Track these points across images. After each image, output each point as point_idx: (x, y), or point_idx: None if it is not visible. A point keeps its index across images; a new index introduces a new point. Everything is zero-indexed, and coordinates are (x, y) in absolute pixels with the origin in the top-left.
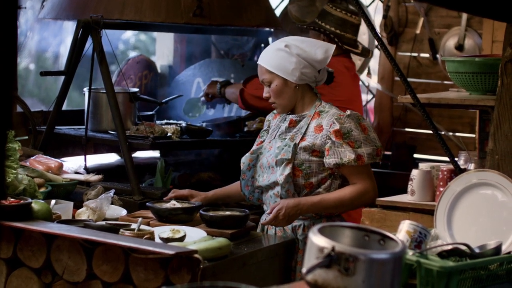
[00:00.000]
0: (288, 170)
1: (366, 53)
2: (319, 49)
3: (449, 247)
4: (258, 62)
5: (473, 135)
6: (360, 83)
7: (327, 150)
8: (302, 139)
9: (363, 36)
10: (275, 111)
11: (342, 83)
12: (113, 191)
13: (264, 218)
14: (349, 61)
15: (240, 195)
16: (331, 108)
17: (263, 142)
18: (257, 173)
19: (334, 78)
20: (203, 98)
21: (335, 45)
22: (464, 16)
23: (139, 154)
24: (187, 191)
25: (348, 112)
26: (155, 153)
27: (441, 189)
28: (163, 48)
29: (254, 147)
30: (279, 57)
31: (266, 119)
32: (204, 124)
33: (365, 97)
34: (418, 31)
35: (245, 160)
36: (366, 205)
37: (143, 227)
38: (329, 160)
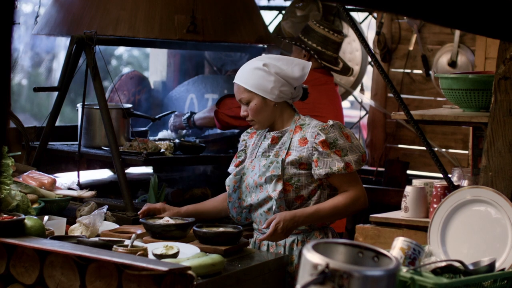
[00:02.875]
0: (280, 186)
1: (346, 71)
2: (296, 67)
3: (443, 263)
4: (235, 81)
5: (466, 152)
6: (353, 99)
7: (315, 161)
8: (287, 154)
9: (356, 52)
10: (249, 130)
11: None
12: (106, 207)
13: (255, 236)
14: (323, 76)
15: (216, 213)
16: (312, 120)
17: (242, 162)
18: (243, 194)
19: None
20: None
21: (311, 63)
22: (457, 33)
23: (132, 170)
24: (159, 204)
25: (331, 122)
26: (148, 169)
27: (435, 205)
28: (156, 64)
29: (233, 168)
30: (257, 76)
31: (241, 139)
32: (197, 140)
33: (358, 113)
34: (411, 48)
35: (229, 182)
36: (358, 211)
37: (136, 243)
38: (319, 171)
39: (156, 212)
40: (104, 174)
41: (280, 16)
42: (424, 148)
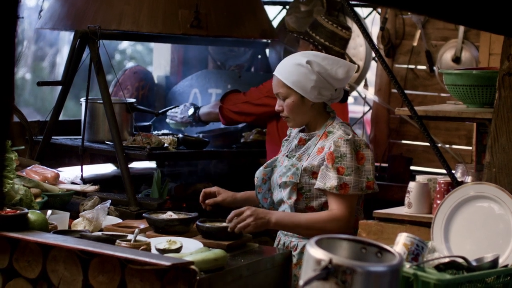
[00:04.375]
0: (295, 195)
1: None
2: (340, 68)
3: (446, 260)
4: (274, 74)
5: (470, 148)
6: (357, 94)
7: (319, 173)
8: (306, 160)
9: (360, 48)
10: None
11: None
12: (109, 201)
13: (279, 235)
14: None
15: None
16: (339, 129)
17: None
18: (272, 186)
19: None
20: (172, 121)
21: (356, 66)
22: (461, 28)
23: (136, 165)
24: (215, 188)
25: (350, 136)
26: (152, 164)
27: (438, 201)
28: (160, 58)
29: (270, 160)
30: (299, 73)
31: (289, 132)
32: (200, 135)
33: (361, 109)
34: (415, 43)
35: (258, 174)
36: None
37: (139, 238)
38: (316, 183)
39: (212, 196)
40: (107, 168)
41: (284, 11)
42: (427, 144)
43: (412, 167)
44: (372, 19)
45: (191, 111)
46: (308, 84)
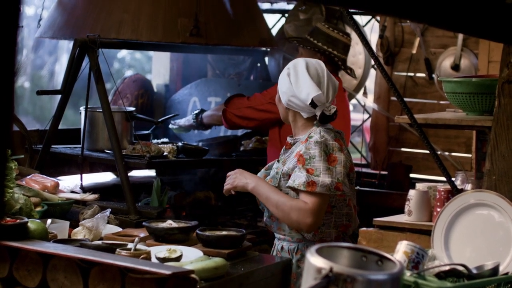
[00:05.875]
0: None
1: (353, 74)
2: (304, 92)
3: (447, 267)
4: None
5: (469, 155)
6: (356, 102)
7: (292, 174)
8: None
9: (359, 55)
10: None
11: None
12: (109, 210)
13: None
14: (337, 78)
15: None
16: (318, 134)
17: None
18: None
19: None
20: (174, 126)
21: (319, 92)
22: (460, 36)
23: (135, 173)
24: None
25: (322, 139)
26: (151, 172)
27: (438, 209)
28: (159, 67)
29: (271, 163)
30: (283, 74)
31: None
32: (200, 144)
33: (361, 116)
34: (414, 51)
35: (259, 176)
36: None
37: (139, 246)
38: (288, 182)
39: None
40: (107, 177)
41: (283, 19)
42: (427, 151)
43: (411, 175)
44: (371, 27)
45: (195, 111)
46: (282, 87)
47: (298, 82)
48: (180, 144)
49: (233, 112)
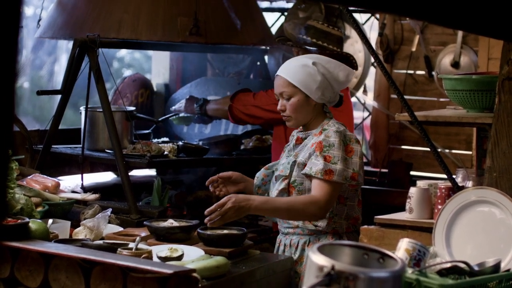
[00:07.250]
0: (283, 185)
1: (355, 62)
2: (341, 72)
3: (448, 265)
4: (279, 74)
5: (470, 152)
6: (356, 100)
7: (308, 161)
8: (302, 156)
9: (359, 53)
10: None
11: None
12: (110, 210)
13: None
14: None
15: None
16: (334, 126)
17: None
18: (270, 188)
19: None
20: (174, 108)
21: (355, 71)
22: (460, 33)
23: (136, 173)
24: (230, 173)
25: (341, 129)
26: (152, 172)
27: (439, 206)
28: (159, 66)
29: (272, 163)
30: (305, 73)
31: (291, 135)
32: (200, 143)
33: (361, 114)
34: (413, 49)
35: (259, 175)
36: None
37: (140, 246)
38: (304, 169)
39: (225, 180)
40: (107, 177)
41: (282, 18)
42: (427, 149)
43: (412, 173)
44: (371, 25)
45: (199, 102)
46: (313, 85)
47: (330, 70)
48: (180, 143)
49: (239, 109)
